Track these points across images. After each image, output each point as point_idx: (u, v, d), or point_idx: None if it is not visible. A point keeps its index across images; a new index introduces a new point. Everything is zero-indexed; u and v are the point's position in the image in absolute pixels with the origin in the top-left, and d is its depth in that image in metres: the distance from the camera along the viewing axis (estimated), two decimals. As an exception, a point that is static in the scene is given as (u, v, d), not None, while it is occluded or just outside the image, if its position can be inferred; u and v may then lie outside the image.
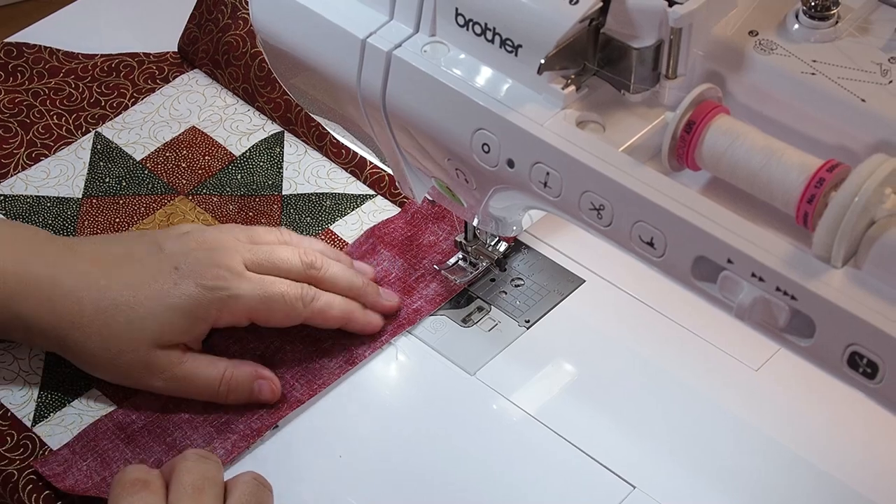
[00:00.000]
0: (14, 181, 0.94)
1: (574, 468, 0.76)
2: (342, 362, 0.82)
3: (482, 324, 0.84)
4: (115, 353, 0.77)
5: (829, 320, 0.58)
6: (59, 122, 0.99)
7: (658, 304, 0.84)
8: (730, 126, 0.62)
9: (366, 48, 0.71)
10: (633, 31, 0.64)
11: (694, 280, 0.63)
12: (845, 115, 0.62)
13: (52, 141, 0.97)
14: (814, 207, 0.58)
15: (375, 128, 0.75)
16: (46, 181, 0.95)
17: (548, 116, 0.66)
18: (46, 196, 0.93)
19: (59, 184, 0.94)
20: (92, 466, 0.76)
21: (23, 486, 0.76)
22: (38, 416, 0.80)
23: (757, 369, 0.80)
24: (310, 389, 0.81)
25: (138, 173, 0.95)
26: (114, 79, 1.02)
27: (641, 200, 0.63)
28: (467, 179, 0.73)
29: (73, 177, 0.95)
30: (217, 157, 0.96)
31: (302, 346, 0.83)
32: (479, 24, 0.67)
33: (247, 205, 0.93)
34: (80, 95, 1.01)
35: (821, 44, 0.64)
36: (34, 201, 0.93)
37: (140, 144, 0.97)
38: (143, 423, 0.79)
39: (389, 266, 0.87)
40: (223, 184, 0.94)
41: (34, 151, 0.96)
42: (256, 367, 0.80)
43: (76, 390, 0.81)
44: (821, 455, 0.76)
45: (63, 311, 0.77)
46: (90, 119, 0.99)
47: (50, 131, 0.98)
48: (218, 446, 0.77)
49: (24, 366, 0.82)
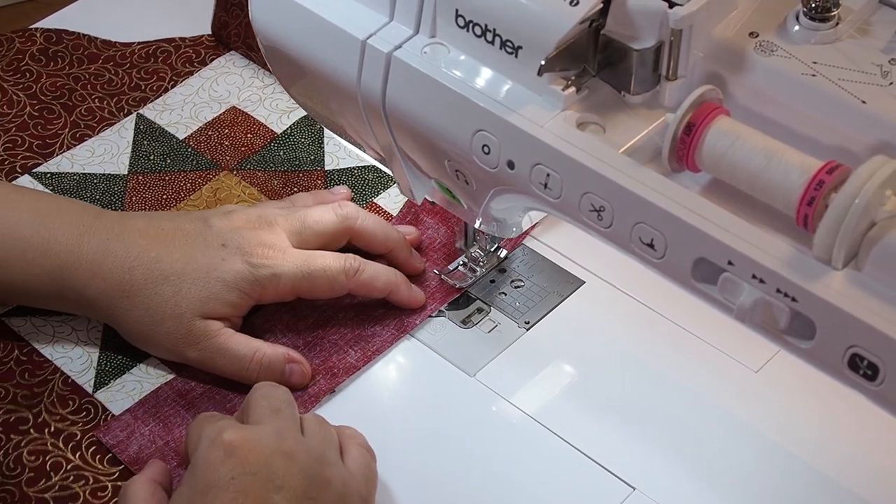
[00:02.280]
0: (60, 160, 0.96)
1: (574, 469, 0.76)
2: (394, 330, 0.83)
3: (482, 325, 0.84)
4: (158, 320, 0.79)
5: (829, 322, 0.58)
6: (101, 104, 1.01)
7: (658, 306, 0.84)
8: (730, 127, 0.62)
9: (366, 49, 0.71)
10: (633, 33, 0.64)
11: (694, 282, 0.63)
12: (846, 117, 0.62)
13: (95, 122, 0.99)
14: (814, 209, 0.58)
15: (375, 129, 0.75)
16: (92, 159, 0.96)
17: (548, 118, 0.66)
18: (93, 173, 0.95)
19: (105, 161, 0.96)
20: (155, 431, 0.78)
21: (86, 447, 0.77)
22: (98, 384, 0.81)
23: (757, 371, 0.80)
24: (364, 356, 0.82)
25: (182, 151, 0.97)
26: (152, 64, 1.04)
27: (642, 202, 0.62)
28: (467, 181, 0.73)
29: (117, 154, 0.97)
30: (259, 134, 0.98)
31: (354, 314, 0.84)
32: (479, 26, 0.67)
33: (291, 179, 0.94)
34: (119, 80, 1.03)
35: (821, 45, 0.64)
36: (81, 178, 0.95)
37: (182, 124, 0.99)
38: (203, 390, 0.80)
39: (434, 233, 0.89)
40: (266, 160, 0.96)
41: (78, 132, 0.98)
42: (289, 350, 0.81)
43: (135, 359, 0.83)
44: (820, 456, 0.76)
45: (113, 281, 0.79)
46: (131, 102, 1.01)
47: (92, 113, 1.00)
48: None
49: (83, 336, 0.84)
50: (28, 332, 0.84)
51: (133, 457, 0.77)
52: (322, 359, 0.82)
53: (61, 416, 0.79)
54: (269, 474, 0.66)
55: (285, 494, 0.66)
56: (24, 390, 0.81)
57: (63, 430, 0.78)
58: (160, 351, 0.81)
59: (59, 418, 0.79)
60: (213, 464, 0.66)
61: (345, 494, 0.68)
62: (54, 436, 0.78)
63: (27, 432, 0.78)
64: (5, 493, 0.75)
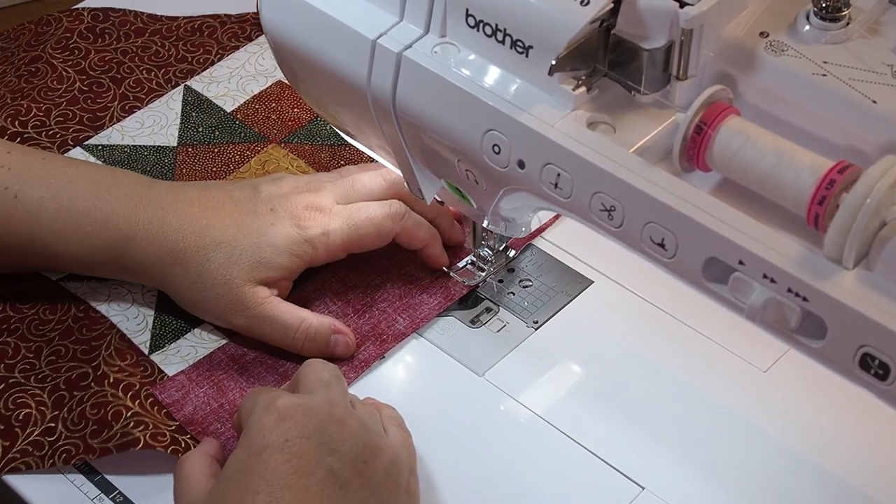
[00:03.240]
0: (111, 132, 0.98)
1: (582, 469, 0.76)
2: (441, 298, 0.85)
3: (490, 325, 0.84)
4: (209, 286, 0.80)
5: (840, 322, 0.58)
6: (149, 76, 1.03)
7: (666, 306, 0.84)
8: (741, 127, 0.62)
9: (376, 49, 0.71)
10: (643, 32, 0.64)
11: (705, 281, 0.63)
12: (856, 117, 0.62)
13: (143, 94, 1.01)
14: (825, 209, 0.58)
15: (385, 129, 0.75)
16: (141, 131, 0.98)
17: (558, 117, 0.66)
18: (143, 145, 0.97)
19: (154, 133, 0.98)
20: (209, 394, 0.80)
21: (144, 396, 0.79)
22: (153, 346, 0.83)
23: (766, 370, 0.80)
24: (412, 323, 0.84)
25: (230, 123, 0.99)
26: (198, 38, 1.06)
27: (652, 202, 0.63)
28: (477, 180, 0.73)
29: (166, 126, 0.99)
30: (306, 109, 0.99)
31: (402, 283, 0.86)
32: (489, 25, 0.67)
33: (338, 153, 0.96)
34: (166, 53, 1.05)
35: (832, 45, 0.64)
36: (132, 150, 0.97)
37: (229, 97, 1.01)
38: (255, 356, 0.82)
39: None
40: (314, 134, 0.97)
41: (127, 104, 1.01)
42: (334, 321, 0.82)
43: (189, 324, 0.85)
44: (828, 456, 0.76)
45: (168, 248, 0.81)
46: (178, 73, 1.03)
47: (140, 85, 1.02)
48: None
49: (139, 298, 0.86)
50: (84, 292, 0.86)
51: (188, 417, 0.79)
52: (371, 325, 0.84)
53: (119, 367, 0.81)
54: (323, 438, 0.67)
55: (338, 458, 0.67)
56: (82, 345, 0.83)
57: (122, 381, 0.80)
58: (209, 316, 0.83)
59: (118, 370, 0.81)
60: (267, 427, 0.68)
61: (395, 461, 0.70)
62: (113, 386, 0.80)
63: (88, 387, 0.80)
64: (70, 445, 0.77)
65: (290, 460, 0.66)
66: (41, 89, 1.01)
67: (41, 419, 0.79)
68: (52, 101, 1.00)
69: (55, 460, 0.76)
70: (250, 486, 0.66)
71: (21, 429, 0.78)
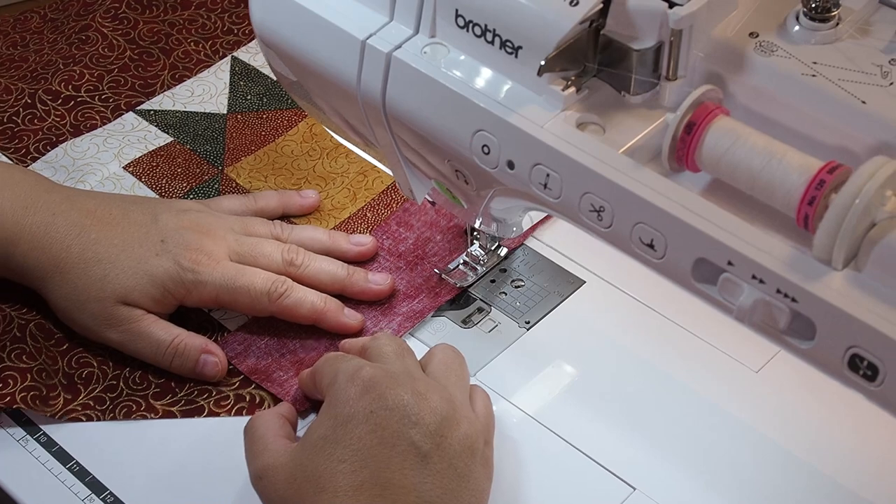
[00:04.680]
0: (161, 98, 1.01)
1: (574, 469, 0.76)
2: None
3: (482, 325, 0.84)
4: (83, 300, 0.80)
5: (829, 323, 0.58)
6: (197, 48, 1.05)
7: (658, 306, 0.84)
8: (730, 127, 0.62)
9: (366, 49, 0.71)
10: (633, 33, 0.64)
11: (694, 282, 0.63)
12: (846, 117, 0.62)
13: (192, 64, 1.04)
14: (814, 209, 0.58)
15: (375, 129, 0.75)
16: (192, 98, 1.01)
17: (548, 118, 0.66)
18: (194, 112, 1.00)
19: (204, 101, 1.01)
20: (270, 344, 0.83)
21: None
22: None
23: (757, 371, 0.80)
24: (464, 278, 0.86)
25: (277, 91, 1.01)
26: (243, 9, 1.08)
27: (641, 202, 0.62)
28: (467, 181, 0.73)
29: (216, 95, 1.01)
30: None
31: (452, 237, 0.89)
32: (479, 26, 0.67)
33: None
34: (213, 25, 1.07)
35: (821, 45, 0.64)
36: (183, 116, 0.99)
37: None
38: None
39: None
40: None
41: (177, 73, 1.03)
42: (208, 342, 0.82)
43: None
44: (820, 456, 0.76)
45: (50, 255, 0.80)
46: (225, 45, 1.05)
47: (189, 56, 1.05)
48: (385, 326, 0.83)
49: None
50: None
51: (252, 367, 0.81)
52: (424, 278, 0.86)
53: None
54: (405, 411, 0.69)
55: (419, 430, 0.68)
56: None
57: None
58: (84, 330, 0.82)
59: None
60: (352, 397, 0.70)
61: (470, 434, 0.70)
62: None
63: None
64: (132, 402, 0.80)
65: (374, 431, 0.68)
66: (93, 56, 1.03)
67: (103, 377, 0.81)
68: (105, 67, 1.03)
69: (115, 413, 0.79)
70: (335, 454, 0.68)
71: (83, 386, 0.80)
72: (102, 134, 0.97)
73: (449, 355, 0.76)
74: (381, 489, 0.67)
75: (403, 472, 0.67)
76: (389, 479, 0.67)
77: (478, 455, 0.71)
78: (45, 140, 0.97)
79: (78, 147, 0.96)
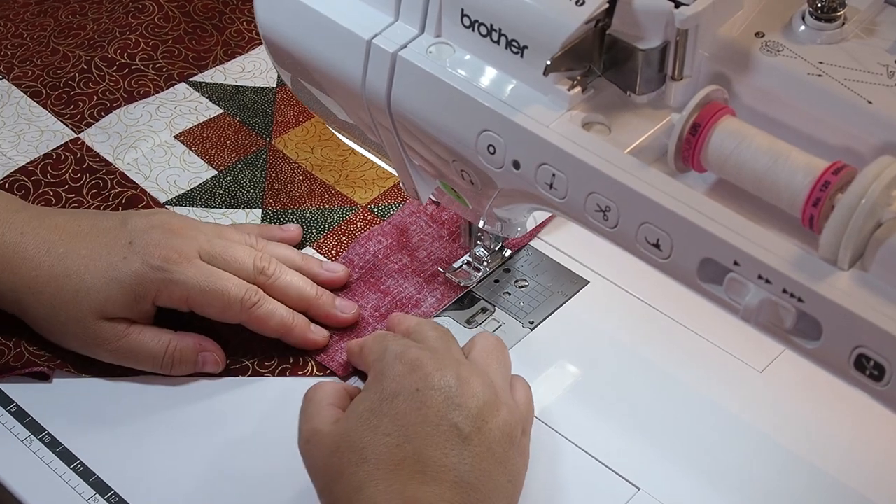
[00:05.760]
0: (213, 72, 1.04)
1: (578, 470, 0.76)
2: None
3: (486, 325, 0.84)
4: (63, 321, 0.79)
5: (835, 323, 0.58)
6: (248, 27, 1.08)
7: (662, 306, 0.84)
8: (736, 128, 0.62)
9: (371, 49, 0.71)
10: (639, 33, 0.64)
11: (700, 282, 0.63)
12: (851, 117, 0.62)
13: (244, 43, 1.06)
14: (820, 210, 0.58)
15: (380, 129, 0.75)
16: (242, 74, 1.04)
17: (553, 118, 0.66)
18: (244, 86, 1.02)
19: (255, 76, 1.03)
20: None
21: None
22: None
23: (761, 371, 0.80)
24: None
25: None
26: None
27: (647, 202, 0.62)
28: (472, 181, 0.73)
29: (266, 71, 1.04)
30: None
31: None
32: (484, 25, 0.67)
33: None
34: None
35: (827, 45, 0.64)
36: (234, 90, 1.02)
37: None
38: (359, 275, 0.87)
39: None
40: None
41: (229, 50, 1.06)
42: (200, 338, 0.81)
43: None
44: (824, 456, 0.76)
45: (21, 275, 0.79)
46: None
47: (241, 35, 1.07)
48: (427, 295, 0.85)
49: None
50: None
51: None
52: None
53: None
54: (450, 392, 0.70)
55: (461, 413, 0.69)
56: None
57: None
58: (72, 347, 0.80)
59: None
60: (400, 374, 0.71)
61: (510, 422, 0.71)
62: None
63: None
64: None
65: (419, 409, 0.69)
66: (148, 25, 1.06)
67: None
68: (160, 37, 1.05)
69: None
70: (380, 427, 0.69)
71: None
72: (155, 102, 1.00)
73: (491, 343, 0.77)
74: (423, 466, 0.68)
75: (444, 452, 0.68)
76: (430, 458, 0.68)
77: (515, 442, 0.71)
78: (100, 105, 0.99)
79: (131, 114, 0.99)
